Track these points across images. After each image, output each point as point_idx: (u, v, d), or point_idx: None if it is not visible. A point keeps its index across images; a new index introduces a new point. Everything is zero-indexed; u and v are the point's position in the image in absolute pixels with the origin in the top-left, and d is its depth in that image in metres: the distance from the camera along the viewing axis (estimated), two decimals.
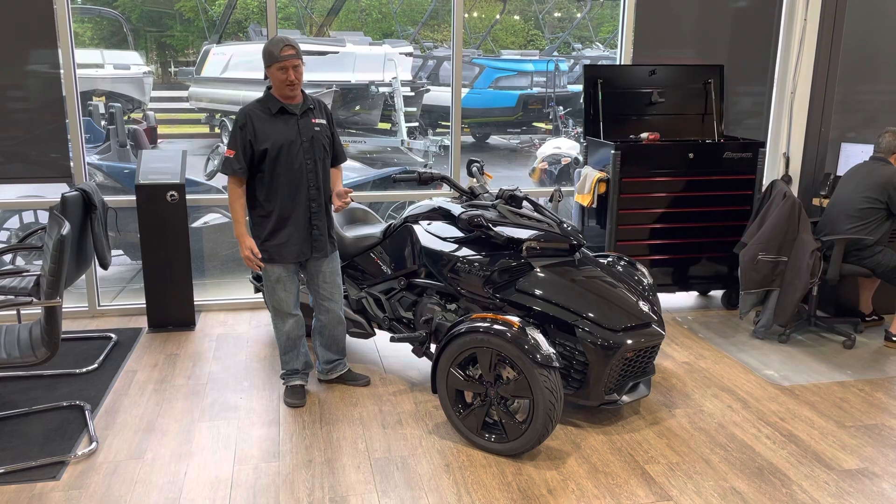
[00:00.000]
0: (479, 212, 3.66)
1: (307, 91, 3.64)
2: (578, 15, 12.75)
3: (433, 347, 4.03)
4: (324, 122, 3.64)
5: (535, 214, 3.69)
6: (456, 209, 3.83)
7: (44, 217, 6.02)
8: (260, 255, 3.54)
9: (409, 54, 9.79)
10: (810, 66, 5.45)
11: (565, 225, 3.66)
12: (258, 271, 3.59)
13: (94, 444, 3.33)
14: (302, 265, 3.72)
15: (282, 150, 3.47)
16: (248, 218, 3.61)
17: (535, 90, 11.15)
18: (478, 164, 4.05)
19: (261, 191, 3.53)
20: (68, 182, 4.78)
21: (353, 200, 3.82)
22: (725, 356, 4.44)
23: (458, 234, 3.78)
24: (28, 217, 6.00)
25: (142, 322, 4.89)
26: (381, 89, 9.23)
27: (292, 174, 3.51)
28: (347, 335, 4.26)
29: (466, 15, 12.00)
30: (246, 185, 3.54)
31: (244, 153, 3.46)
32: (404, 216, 4.03)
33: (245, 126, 3.45)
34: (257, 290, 4.69)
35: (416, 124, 9.75)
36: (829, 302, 5.09)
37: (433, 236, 3.84)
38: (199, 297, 5.15)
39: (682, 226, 5.05)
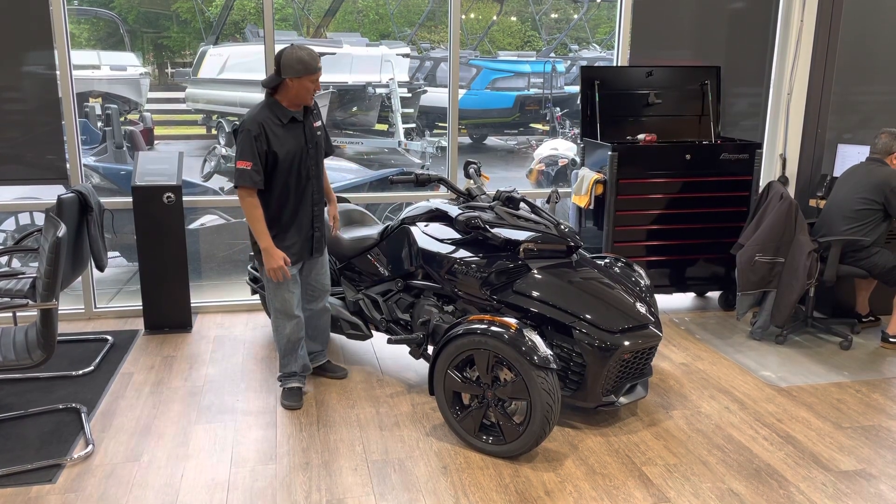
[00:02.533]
0: (476, 213, 3.66)
1: None
2: (575, 16, 12.76)
3: (430, 349, 4.02)
4: (319, 124, 3.69)
5: (533, 216, 3.68)
6: (453, 211, 3.82)
7: (40, 219, 6.00)
8: (291, 263, 3.56)
9: (406, 55, 9.79)
10: (807, 68, 5.46)
11: (562, 226, 3.65)
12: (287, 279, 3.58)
13: (90, 446, 3.32)
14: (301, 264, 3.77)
15: (295, 158, 3.52)
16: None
17: (532, 91, 11.15)
18: (475, 166, 4.05)
19: (270, 198, 3.54)
20: (64, 184, 4.77)
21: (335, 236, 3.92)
22: (723, 357, 4.44)
23: (456, 235, 3.78)
24: (24, 219, 5.98)
25: (138, 324, 4.88)
26: (378, 90, 9.22)
27: (301, 181, 3.57)
28: (344, 337, 4.26)
29: (463, 16, 12.00)
30: None
31: (262, 163, 3.44)
32: (401, 218, 4.03)
33: (259, 136, 3.42)
34: (254, 292, 4.69)
35: (414, 125, 9.74)
36: (826, 303, 5.10)
37: (430, 238, 3.84)
38: (196, 299, 5.14)
39: (679, 227, 5.06)
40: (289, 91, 3.44)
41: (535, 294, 3.47)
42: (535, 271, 3.53)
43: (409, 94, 9.61)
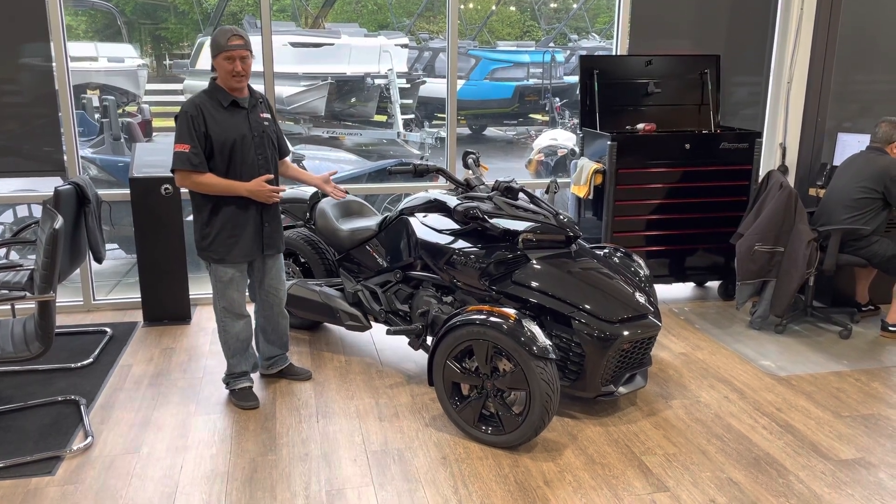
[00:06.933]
0: (475, 204, 3.65)
1: (304, 82, 3.61)
2: (574, 5, 12.71)
3: (430, 340, 4.02)
4: (269, 116, 3.56)
5: (531, 206, 3.67)
6: (452, 201, 3.81)
7: (38, 211, 5.99)
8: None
9: (405, 46, 9.76)
10: (807, 56, 5.43)
11: (561, 216, 3.64)
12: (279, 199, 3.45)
13: (89, 438, 3.32)
14: (250, 263, 3.64)
15: (235, 145, 3.37)
16: (193, 216, 3.51)
17: (532, 81, 11.13)
18: (474, 156, 4.04)
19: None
20: (62, 176, 4.75)
21: (345, 192, 3.76)
22: (722, 347, 4.44)
23: (454, 226, 3.77)
24: (22, 211, 5.98)
25: (137, 316, 4.87)
26: (377, 81, 9.20)
27: (245, 169, 3.41)
28: (344, 328, 4.25)
29: (462, 6, 11.95)
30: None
31: (200, 146, 3.33)
32: (400, 208, 4.02)
33: (197, 118, 3.31)
34: None
35: (412, 116, 9.72)
36: (826, 292, 5.09)
37: (429, 229, 3.83)
38: (195, 291, 5.13)
39: (679, 217, 5.04)
40: (219, 73, 3.36)
41: (533, 284, 3.46)
42: (534, 261, 3.52)
43: (408, 85, 9.59)
